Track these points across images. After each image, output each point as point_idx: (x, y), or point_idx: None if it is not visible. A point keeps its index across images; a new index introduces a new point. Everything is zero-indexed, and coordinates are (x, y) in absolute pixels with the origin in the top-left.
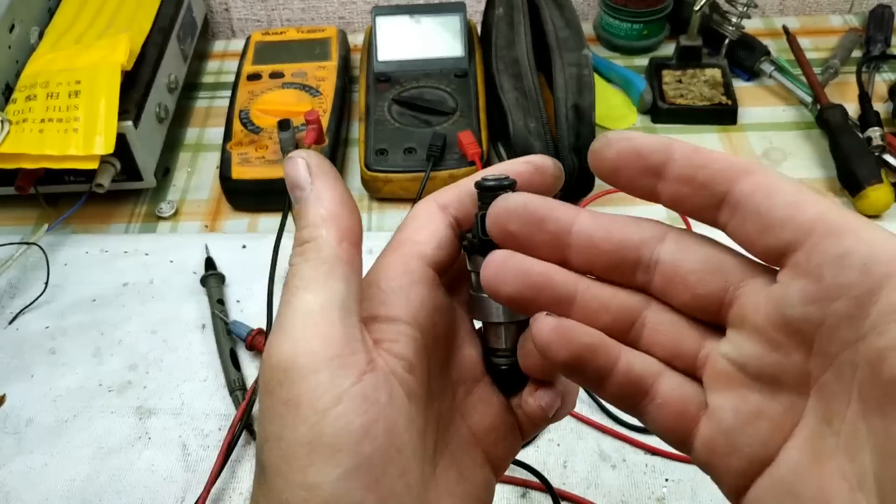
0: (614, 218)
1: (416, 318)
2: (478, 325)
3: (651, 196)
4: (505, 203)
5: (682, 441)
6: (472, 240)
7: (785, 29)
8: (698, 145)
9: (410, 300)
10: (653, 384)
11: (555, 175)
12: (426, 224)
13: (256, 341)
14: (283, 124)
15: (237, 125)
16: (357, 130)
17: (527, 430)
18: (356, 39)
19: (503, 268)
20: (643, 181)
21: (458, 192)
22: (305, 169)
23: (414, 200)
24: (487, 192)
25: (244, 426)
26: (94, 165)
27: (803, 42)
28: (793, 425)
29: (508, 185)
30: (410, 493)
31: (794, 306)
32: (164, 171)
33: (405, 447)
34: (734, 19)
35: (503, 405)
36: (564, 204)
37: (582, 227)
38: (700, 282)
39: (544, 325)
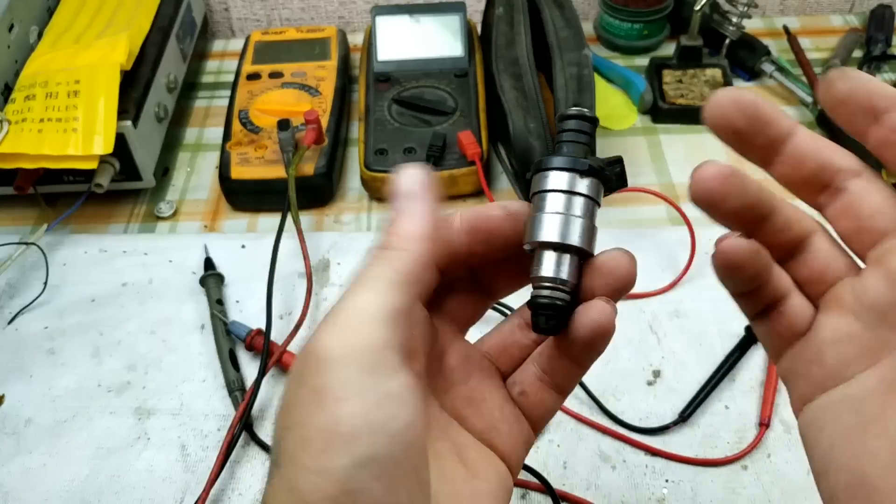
0: (825, 141)
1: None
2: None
3: (860, 135)
4: (737, 95)
5: (778, 350)
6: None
7: (785, 29)
8: None
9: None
10: (784, 297)
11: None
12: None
13: (255, 342)
14: (283, 124)
15: (236, 125)
16: (357, 130)
17: (535, 419)
18: (356, 39)
19: (719, 174)
20: (861, 119)
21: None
22: (419, 185)
23: None
24: (569, 119)
25: (243, 427)
26: (93, 165)
27: (804, 42)
28: (880, 358)
29: (592, 118)
30: (422, 492)
31: None
32: (164, 171)
33: (419, 446)
34: (735, 19)
35: (502, 399)
36: (786, 115)
37: (798, 141)
38: (869, 217)
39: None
